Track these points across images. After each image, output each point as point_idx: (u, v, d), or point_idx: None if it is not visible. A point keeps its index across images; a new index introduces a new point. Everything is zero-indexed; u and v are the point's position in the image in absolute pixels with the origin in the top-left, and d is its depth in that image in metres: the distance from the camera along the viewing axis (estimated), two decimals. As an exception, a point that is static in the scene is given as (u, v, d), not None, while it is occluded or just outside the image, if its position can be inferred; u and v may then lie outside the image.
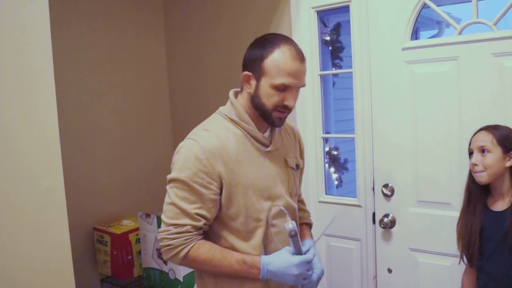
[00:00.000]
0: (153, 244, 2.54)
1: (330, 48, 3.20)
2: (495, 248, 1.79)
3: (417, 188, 2.32)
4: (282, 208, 1.60)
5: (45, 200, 1.51)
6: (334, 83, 3.60)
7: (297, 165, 1.74)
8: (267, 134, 1.65)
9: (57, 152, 1.54)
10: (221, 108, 1.66)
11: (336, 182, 3.85)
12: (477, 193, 1.87)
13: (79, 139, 2.76)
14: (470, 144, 1.86)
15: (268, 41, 1.54)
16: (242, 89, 1.62)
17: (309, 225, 1.89)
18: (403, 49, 2.27)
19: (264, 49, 1.52)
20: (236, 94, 1.66)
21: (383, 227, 2.40)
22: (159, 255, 2.51)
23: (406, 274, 2.39)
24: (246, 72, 1.56)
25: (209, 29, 2.98)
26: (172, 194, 1.53)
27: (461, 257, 1.91)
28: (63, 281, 1.58)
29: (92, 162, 2.83)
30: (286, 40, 1.55)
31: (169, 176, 1.56)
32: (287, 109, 1.56)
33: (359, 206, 2.51)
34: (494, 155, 1.77)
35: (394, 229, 2.40)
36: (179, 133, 3.14)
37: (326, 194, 2.67)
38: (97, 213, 2.85)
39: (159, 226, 2.48)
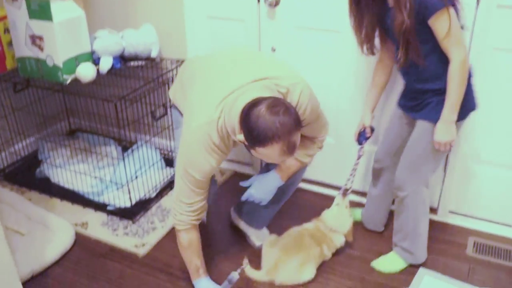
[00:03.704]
0: (25, 30, 2.32)
1: None
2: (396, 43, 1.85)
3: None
4: None
5: None
6: None
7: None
8: None
9: None
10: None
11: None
12: None
13: None
14: None
15: (259, 136, 1.53)
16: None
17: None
18: None
19: (256, 141, 1.55)
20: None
21: (268, 5, 2.38)
22: (33, 42, 2.32)
23: (290, 52, 2.46)
24: (239, 137, 1.61)
25: None
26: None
27: (361, 50, 1.98)
28: None
29: None
30: (280, 135, 1.52)
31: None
32: None
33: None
34: None
35: (279, 7, 2.39)
36: None
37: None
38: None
39: (29, 11, 2.25)
